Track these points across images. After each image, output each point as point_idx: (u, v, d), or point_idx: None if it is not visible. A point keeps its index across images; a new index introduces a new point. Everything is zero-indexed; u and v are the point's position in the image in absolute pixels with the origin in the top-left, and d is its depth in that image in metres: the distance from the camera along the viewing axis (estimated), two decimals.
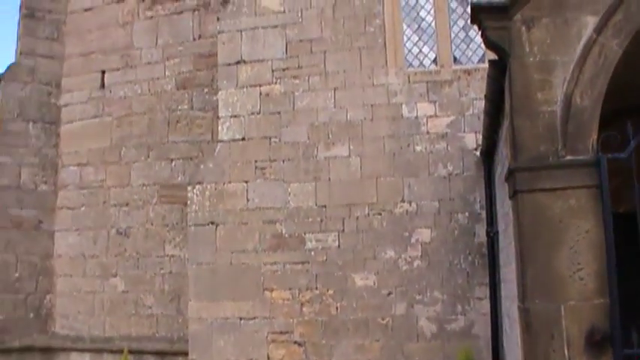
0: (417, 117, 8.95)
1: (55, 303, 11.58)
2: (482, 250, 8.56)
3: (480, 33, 5.03)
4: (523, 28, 4.79)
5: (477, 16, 4.94)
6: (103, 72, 11.88)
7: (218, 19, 10.01)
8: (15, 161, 11.60)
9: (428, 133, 8.91)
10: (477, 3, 5.16)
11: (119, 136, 11.45)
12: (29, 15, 12.37)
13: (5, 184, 11.46)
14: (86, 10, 12.36)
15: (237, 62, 9.67)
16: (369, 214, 8.88)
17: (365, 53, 9.26)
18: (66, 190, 11.71)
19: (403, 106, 9.02)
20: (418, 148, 8.90)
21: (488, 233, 8.44)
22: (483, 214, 8.56)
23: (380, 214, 8.87)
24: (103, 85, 11.85)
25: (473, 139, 8.76)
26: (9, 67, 12.05)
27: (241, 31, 9.75)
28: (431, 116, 8.93)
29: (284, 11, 9.65)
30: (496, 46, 4.89)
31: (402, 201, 8.85)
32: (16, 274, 11.33)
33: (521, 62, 4.76)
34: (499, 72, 5.27)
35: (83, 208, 11.51)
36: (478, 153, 8.62)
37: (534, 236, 4.55)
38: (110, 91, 11.72)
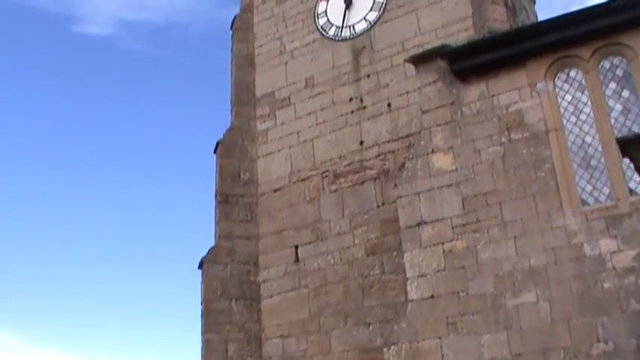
0: (600, 254, 10.12)
1: None
2: None
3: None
4: None
5: (626, 148, 6.18)
6: (296, 247, 14.28)
7: (395, 185, 12.04)
8: (221, 338, 13.90)
9: (614, 268, 10.00)
10: (622, 137, 6.50)
11: (317, 305, 13.53)
12: (224, 201, 15.15)
13: None
14: (275, 190, 15.05)
15: (419, 224, 11.46)
16: (564, 358, 9.99)
17: (539, 198, 10.73)
18: None
19: (585, 245, 10.25)
20: (606, 286, 9.99)
21: None
22: None
23: (576, 356, 9.87)
24: (297, 259, 14.18)
25: None
26: (210, 251, 14.67)
27: (419, 194, 11.63)
28: (614, 251, 10.05)
29: (456, 169, 11.47)
30: None
31: (598, 341, 9.83)
32: None
33: None
34: None
35: None
36: None
37: None
38: (304, 264, 13.99)
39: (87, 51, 45.92)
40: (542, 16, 16.99)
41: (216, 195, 15.30)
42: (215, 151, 15.72)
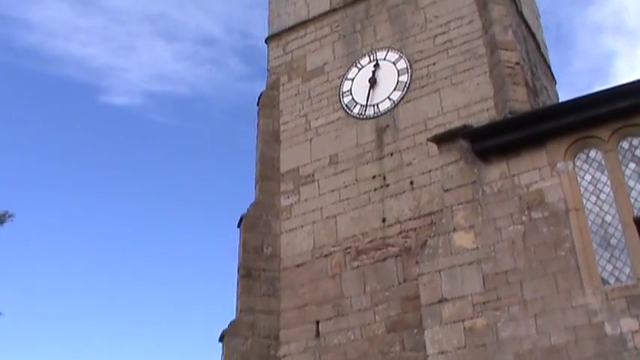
0: (621, 333, 10.26)
1: None
2: None
3: None
4: None
5: None
6: (317, 322, 14.49)
7: (417, 262, 12.32)
8: None
9: (636, 348, 10.10)
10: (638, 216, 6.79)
11: None
12: (246, 275, 15.43)
13: None
14: (297, 265, 15.36)
15: (440, 301, 11.68)
16: None
17: (560, 277, 10.94)
18: None
19: (605, 324, 10.40)
20: None
21: None
22: None
23: None
24: (317, 335, 14.37)
25: None
26: (231, 324, 14.84)
27: (440, 271, 11.89)
28: (636, 331, 10.17)
29: (477, 247, 11.75)
30: None
31: None
32: None
33: None
34: None
35: None
36: None
37: None
38: (325, 340, 14.19)
39: (112, 121, 47.05)
40: (564, 95, 17.47)
41: (238, 269, 15.59)
42: (239, 226, 16.08)
